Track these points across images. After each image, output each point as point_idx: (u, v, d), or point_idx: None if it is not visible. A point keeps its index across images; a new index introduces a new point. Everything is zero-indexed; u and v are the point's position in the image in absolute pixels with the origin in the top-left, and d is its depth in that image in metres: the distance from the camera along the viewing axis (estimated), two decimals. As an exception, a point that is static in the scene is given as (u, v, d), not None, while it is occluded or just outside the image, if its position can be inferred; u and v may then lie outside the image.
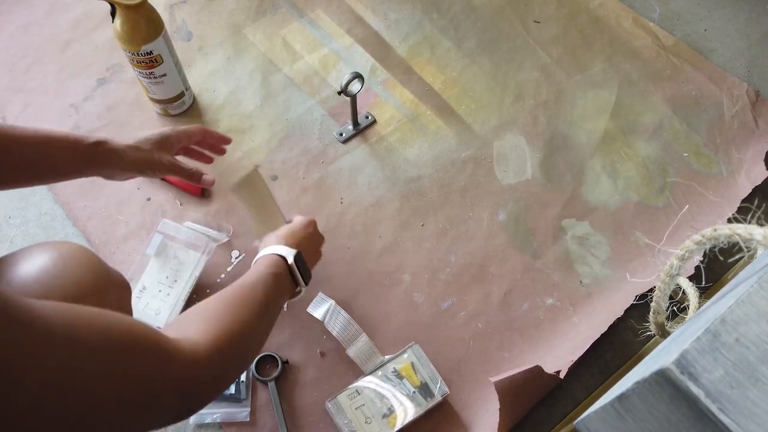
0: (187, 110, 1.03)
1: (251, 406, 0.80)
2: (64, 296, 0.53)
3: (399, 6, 1.17)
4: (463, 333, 0.86)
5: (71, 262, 0.56)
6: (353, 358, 0.82)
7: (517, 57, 1.12)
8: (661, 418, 0.38)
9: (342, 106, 1.04)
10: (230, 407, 0.80)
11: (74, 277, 0.55)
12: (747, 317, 0.37)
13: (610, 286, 0.90)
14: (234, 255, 0.90)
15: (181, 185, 0.95)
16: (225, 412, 0.79)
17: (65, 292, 0.54)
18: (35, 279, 0.54)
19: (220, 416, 0.79)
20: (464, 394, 0.82)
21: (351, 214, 0.95)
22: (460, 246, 0.93)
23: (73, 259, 0.57)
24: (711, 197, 0.97)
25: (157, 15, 0.88)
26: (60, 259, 0.56)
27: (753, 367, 0.35)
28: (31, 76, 1.06)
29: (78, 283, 0.55)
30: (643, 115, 1.06)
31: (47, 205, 0.95)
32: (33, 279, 0.54)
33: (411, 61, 1.11)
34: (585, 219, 0.96)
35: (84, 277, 0.56)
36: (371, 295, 0.89)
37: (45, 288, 0.53)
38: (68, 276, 0.55)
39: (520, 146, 1.02)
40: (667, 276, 0.61)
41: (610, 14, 1.17)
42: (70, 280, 0.55)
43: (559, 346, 0.84)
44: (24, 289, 0.52)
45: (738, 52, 1.13)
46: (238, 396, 0.80)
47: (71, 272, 0.55)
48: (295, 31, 1.13)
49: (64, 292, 0.53)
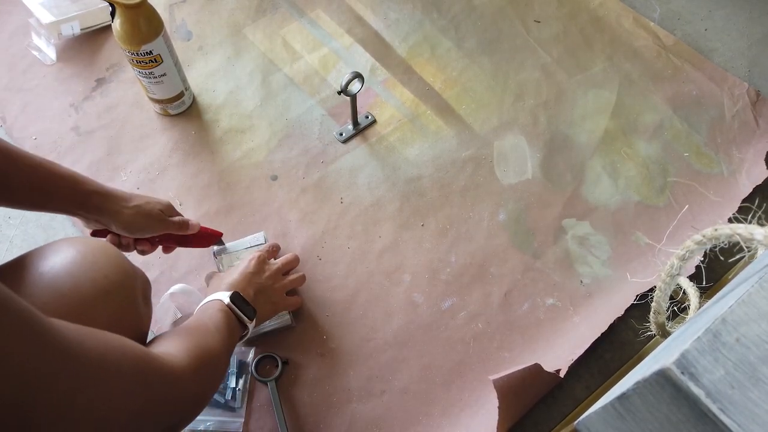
0: (187, 110, 1.03)
1: (247, 411, 0.80)
2: (95, 288, 0.54)
3: (399, 6, 1.17)
4: (463, 333, 0.86)
5: (100, 257, 0.57)
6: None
7: (518, 57, 1.11)
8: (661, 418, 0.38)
9: (342, 106, 1.04)
10: (224, 416, 0.79)
11: (104, 270, 0.56)
12: (748, 317, 0.37)
13: (610, 286, 0.90)
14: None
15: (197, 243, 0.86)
16: (218, 421, 0.78)
17: (96, 284, 0.54)
18: (67, 271, 0.54)
19: (212, 424, 0.78)
20: (464, 394, 0.82)
21: (351, 214, 0.95)
22: (461, 246, 0.93)
23: (101, 254, 0.57)
24: (712, 197, 0.97)
25: (156, 15, 0.88)
26: (90, 254, 0.56)
27: (754, 367, 0.35)
28: (31, 76, 1.06)
29: (108, 276, 0.56)
30: (643, 115, 1.05)
31: (47, 205, 0.95)
32: (65, 271, 0.54)
33: (411, 61, 1.10)
34: (585, 219, 0.96)
35: (112, 271, 0.57)
36: (371, 295, 0.89)
37: (76, 280, 0.54)
38: (98, 269, 0.56)
39: (521, 146, 1.02)
40: (668, 276, 0.61)
41: (610, 14, 1.17)
42: (100, 273, 0.55)
43: (560, 346, 0.84)
44: (56, 281, 0.53)
45: (739, 52, 1.13)
46: (233, 404, 0.79)
47: (101, 266, 0.56)
48: (295, 30, 1.13)
49: (95, 284, 0.54)
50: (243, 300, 0.72)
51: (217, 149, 1.00)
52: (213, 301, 0.70)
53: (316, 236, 0.93)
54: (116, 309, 0.55)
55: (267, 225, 0.93)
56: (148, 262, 0.89)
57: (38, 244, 0.90)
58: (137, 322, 0.58)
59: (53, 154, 0.98)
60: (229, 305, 0.69)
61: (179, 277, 0.88)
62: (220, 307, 0.68)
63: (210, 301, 0.70)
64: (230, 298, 0.70)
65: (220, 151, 1.00)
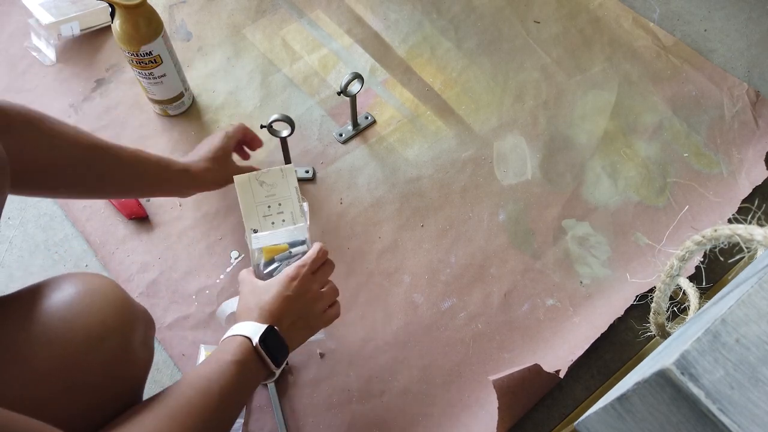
0: (187, 111, 1.03)
1: (247, 411, 0.80)
2: (88, 336, 0.52)
3: (399, 6, 1.17)
4: (463, 334, 0.86)
5: (98, 298, 0.54)
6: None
7: (517, 57, 1.11)
8: (661, 418, 0.38)
9: (341, 107, 1.04)
10: None
11: (100, 314, 0.54)
12: (747, 318, 0.37)
13: (610, 287, 0.90)
14: (233, 255, 0.90)
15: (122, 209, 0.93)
16: None
17: (90, 331, 0.52)
18: (60, 318, 0.52)
19: None
20: (464, 394, 0.82)
21: (351, 215, 0.95)
22: (460, 246, 0.93)
23: (99, 296, 0.55)
24: (711, 197, 0.97)
25: (156, 15, 0.88)
26: (87, 295, 0.54)
27: (753, 367, 0.35)
28: (31, 76, 1.06)
29: (104, 322, 0.53)
30: (643, 116, 1.06)
31: (46, 205, 0.95)
32: (58, 318, 0.52)
33: (411, 62, 1.10)
34: (585, 219, 0.96)
35: (110, 314, 0.54)
36: (371, 295, 0.89)
37: (69, 326, 0.52)
38: (94, 314, 0.53)
39: (520, 146, 1.02)
40: (668, 276, 0.61)
41: (610, 14, 1.17)
42: (96, 318, 0.53)
43: (560, 346, 0.84)
44: (48, 328, 0.52)
45: (738, 53, 1.13)
46: None
47: (97, 309, 0.54)
48: (294, 31, 1.13)
49: (89, 331, 0.52)
50: (277, 340, 0.61)
51: (216, 150, 1.00)
52: (236, 338, 0.59)
53: (316, 237, 0.92)
54: (110, 357, 0.53)
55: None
56: (148, 263, 0.89)
57: (38, 245, 0.90)
58: (132, 369, 0.56)
59: (53, 154, 0.98)
60: (256, 348, 0.58)
61: (179, 278, 0.88)
62: (241, 350, 0.58)
63: (233, 337, 0.60)
64: (261, 338, 0.59)
65: (220, 151, 1.00)
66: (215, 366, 0.56)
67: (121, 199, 0.92)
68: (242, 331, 0.60)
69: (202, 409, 0.52)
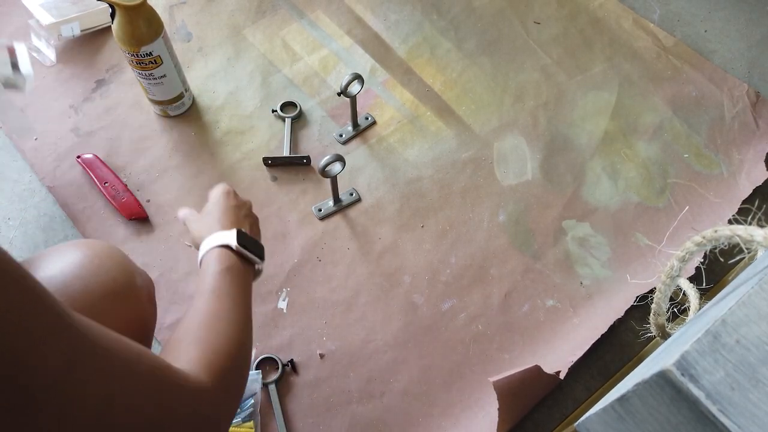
0: (187, 111, 1.03)
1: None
2: (104, 291, 0.54)
3: (399, 7, 1.17)
4: (463, 334, 0.86)
5: (106, 260, 0.56)
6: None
7: (518, 58, 1.11)
8: (661, 419, 0.38)
9: (342, 107, 1.04)
10: None
11: (111, 273, 0.56)
12: (748, 319, 0.37)
13: (610, 288, 0.90)
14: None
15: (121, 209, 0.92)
16: None
17: (104, 287, 0.54)
18: (76, 275, 0.54)
19: None
20: (464, 395, 0.82)
21: (351, 215, 0.95)
22: (461, 247, 0.93)
23: (107, 257, 0.57)
24: (711, 198, 0.97)
25: (156, 16, 0.88)
26: (96, 257, 0.56)
27: (754, 368, 0.35)
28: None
29: (115, 279, 0.55)
30: (643, 116, 1.06)
31: (46, 206, 0.95)
32: (74, 275, 0.54)
33: (411, 62, 1.10)
34: (585, 220, 0.96)
35: (119, 273, 0.56)
36: (371, 296, 0.89)
37: (86, 283, 0.54)
38: (106, 272, 0.55)
39: (521, 147, 1.02)
40: (668, 277, 0.61)
41: (610, 15, 1.17)
42: (108, 276, 0.55)
43: (560, 347, 0.84)
44: (66, 285, 0.53)
45: (738, 53, 1.13)
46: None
47: (107, 268, 0.56)
48: (294, 32, 1.13)
49: (104, 287, 0.54)
50: (249, 238, 0.63)
51: (217, 150, 1.00)
52: (213, 251, 0.60)
53: (316, 237, 0.93)
54: (124, 311, 0.55)
55: (267, 226, 0.93)
56: (149, 264, 0.89)
57: (38, 246, 0.90)
58: (144, 324, 0.58)
59: (53, 155, 0.98)
60: (237, 249, 0.60)
61: (179, 278, 0.88)
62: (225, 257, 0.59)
63: (211, 250, 0.60)
64: (237, 238, 0.60)
65: (220, 152, 1.00)
66: (210, 279, 0.58)
67: (121, 200, 0.92)
68: (216, 242, 0.61)
69: (224, 313, 0.54)
